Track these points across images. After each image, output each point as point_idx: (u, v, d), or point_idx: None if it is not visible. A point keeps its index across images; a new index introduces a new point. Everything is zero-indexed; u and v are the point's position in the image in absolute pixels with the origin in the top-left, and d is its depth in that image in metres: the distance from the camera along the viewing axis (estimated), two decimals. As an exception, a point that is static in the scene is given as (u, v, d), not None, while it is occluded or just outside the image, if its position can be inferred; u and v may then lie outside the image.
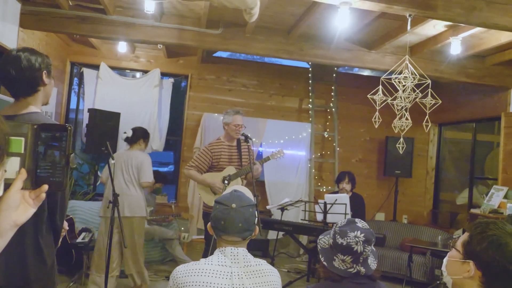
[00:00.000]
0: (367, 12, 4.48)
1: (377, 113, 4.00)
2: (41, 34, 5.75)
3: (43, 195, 1.09)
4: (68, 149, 1.11)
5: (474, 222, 1.49)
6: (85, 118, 6.61)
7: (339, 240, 2.01)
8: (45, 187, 1.09)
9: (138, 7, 5.03)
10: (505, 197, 5.69)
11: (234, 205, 1.84)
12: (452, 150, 8.19)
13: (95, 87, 6.91)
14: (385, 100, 4.03)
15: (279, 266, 6.38)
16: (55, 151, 1.11)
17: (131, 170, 4.73)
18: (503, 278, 1.38)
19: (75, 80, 7.46)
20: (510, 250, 1.37)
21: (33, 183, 1.09)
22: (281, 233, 6.30)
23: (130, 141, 4.87)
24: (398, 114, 4.09)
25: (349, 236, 1.99)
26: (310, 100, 7.58)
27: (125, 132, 4.91)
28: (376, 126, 4.19)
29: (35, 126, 1.10)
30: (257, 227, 1.95)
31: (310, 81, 7.59)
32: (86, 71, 6.98)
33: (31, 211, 1.09)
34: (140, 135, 4.90)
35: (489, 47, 5.26)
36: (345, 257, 2.00)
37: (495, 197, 5.77)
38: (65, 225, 2.18)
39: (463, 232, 1.57)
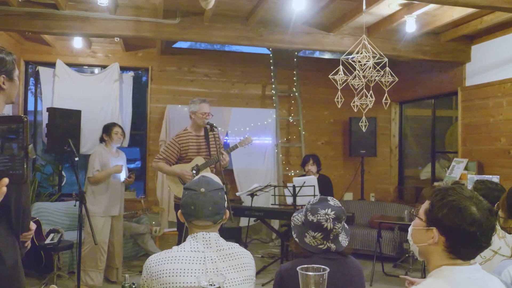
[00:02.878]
0: (323, -6, 4.52)
1: (339, 93, 4.06)
2: (-9, 33, 5.54)
3: (4, 189, 1.07)
4: (26, 140, 1.09)
5: (434, 190, 1.53)
6: (44, 118, 6.43)
7: (310, 217, 2.04)
8: (5, 180, 1.06)
9: (91, 0, 4.89)
10: (466, 168, 5.91)
11: (203, 190, 1.84)
12: (413, 127, 8.42)
13: (52, 85, 6.71)
14: (346, 80, 4.09)
15: (252, 252, 6.41)
16: (12, 144, 1.08)
17: None
18: (466, 241, 1.43)
19: (31, 80, 7.21)
20: (470, 213, 1.41)
21: None
22: (252, 220, 6.34)
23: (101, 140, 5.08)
24: (359, 93, 4.16)
25: (319, 214, 2.02)
26: (273, 86, 7.61)
27: None
28: (339, 106, 4.25)
29: None
30: (227, 211, 1.95)
31: (271, 67, 7.61)
32: (42, 70, 6.76)
33: None
34: (102, 133, 5.08)
35: (443, 24, 5.40)
36: (315, 234, 2.04)
37: (456, 169, 5.97)
38: (32, 226, 2.11)
39: None
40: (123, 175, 5.06)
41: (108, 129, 5.03)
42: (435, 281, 1.45)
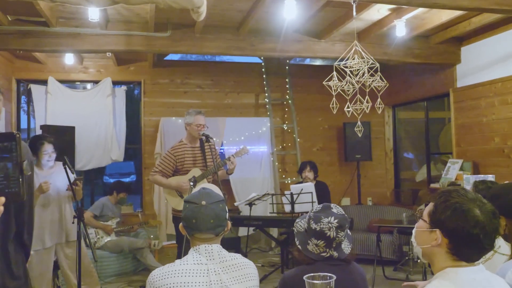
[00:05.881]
0: (313, 1, 4.56)
1: (334, 99, 4.07)
2: (-18, 53, 5.53)
3: (1, 208, 1.06)
4: (20, 157, 1.08)
5: (438, 192, 1.54)
6: (38, 135, 6.40)
7: (313, 225, 2.04)
8: (2, 199, 1.06)
9: (81, 17, 4.90)
10: (461, 169, 5.93)
11: (204, 202, 1.84)
12: (407, 129, 8.46)
13: (45, 103, 6.68)
14: (340, 85, 4.11)
15: (253, 262, 6.40)
16: (7, 162, 1.07)
17: None
18: (468, 243, 1.44)
19: (23, 98, 7.19)
20: (473, 216, 1.42)
21: None
22: (251, 229, 6.32)
23: None
24: (354, 99, 4.18)
25: (322, 222, 2.02)
26: (266, 94, 7.63)
27: None
28: (335, 112, 4.26)
29: None
30: (229, 222, 1.95)
31: (264, 76, 7.63)
32: (34, 88, 6.74)
33: None
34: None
35: (432, 27, 5.45)
36: (318, 242, 2.03)
37: (452, 170, 6.00)
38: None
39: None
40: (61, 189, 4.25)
41: (35, 148, 4.14)
42: (441, 283, 1.46)
